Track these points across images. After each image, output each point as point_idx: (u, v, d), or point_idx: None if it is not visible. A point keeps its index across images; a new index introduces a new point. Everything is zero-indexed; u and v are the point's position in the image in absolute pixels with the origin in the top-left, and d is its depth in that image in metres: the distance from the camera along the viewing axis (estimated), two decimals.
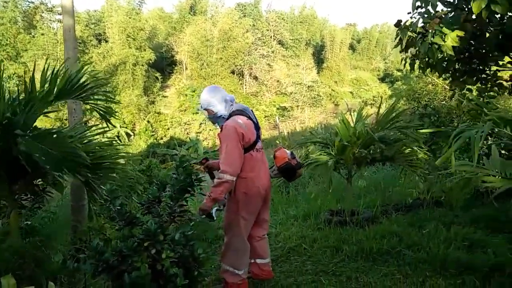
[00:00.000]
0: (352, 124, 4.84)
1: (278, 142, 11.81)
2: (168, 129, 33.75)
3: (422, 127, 11.87)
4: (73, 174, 2.95)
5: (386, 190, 6.22)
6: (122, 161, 3.68)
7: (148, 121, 33.11)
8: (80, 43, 33.10)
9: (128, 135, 30.68)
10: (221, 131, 3.02)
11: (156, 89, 36.47)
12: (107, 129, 3.71)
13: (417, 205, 5.21)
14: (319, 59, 49.33)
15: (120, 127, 30.40)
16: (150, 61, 34.97)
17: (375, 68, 53.38)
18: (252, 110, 3.26)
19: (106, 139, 3.91)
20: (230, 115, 3.06)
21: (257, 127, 3.13)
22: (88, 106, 3.82)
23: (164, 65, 40.42)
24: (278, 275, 3.40)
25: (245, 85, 41.54)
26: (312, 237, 4.21)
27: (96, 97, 3.48)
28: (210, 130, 33.61)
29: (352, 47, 54.96)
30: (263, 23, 45.59)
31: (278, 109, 39.58)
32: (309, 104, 40.61)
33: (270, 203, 3.36)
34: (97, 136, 3.58)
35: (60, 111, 18.61)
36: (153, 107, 34.82)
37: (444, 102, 12.57)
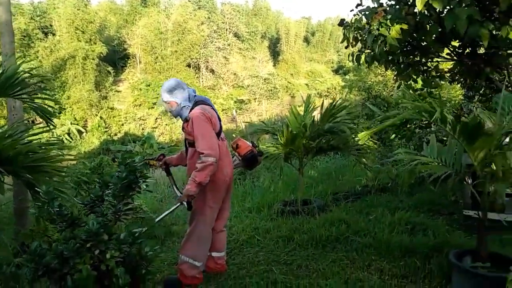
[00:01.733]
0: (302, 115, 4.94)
1: (234, 135, 11.82)
2: (123, 125, 32.77)
3: (373, 117, 12.28)
4: (13, 175, 2.81)
5: (337, 179, 6.42)
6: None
7: (101, 117, 31.96)
8: (24, 36, 31.26)
9: (79, 132, 29.49)
10: (186, 122, 3.01)
11: (109, 83, 35.22)
12: (48, 128, 3.53)
13: (365, 192, 5.43)
14: (274, 52, 49.72)
15: (71, 124, 29.16)
16: (102, 55, 33.69)
17: (329, 60, 54.58)
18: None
19: (54, 138, 3.73)
20: (194, 106, 3.07)
21: (218, 118, 3.20)
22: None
23: (116, 58, 39.08)
24: (231, 267, 3.43)
25: (202, 78, 41.11)
26: (265, 228, 4.27)
27: (34, 95, 3.30)
28: (166, 125, 33.01)
29: (306, 40, 55.84)
30: (218, 16, 45.23)
31: (235, 102, 39.54)
32: (266, 96, 40.89)
33: (230, 195, 3.40)
34: (43, 135, 3.40)
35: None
36: (105, 102, 33.62)
37: (392, 93, 13.12)
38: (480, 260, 2.63)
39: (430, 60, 5.50)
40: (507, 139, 2.76)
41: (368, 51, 5.16)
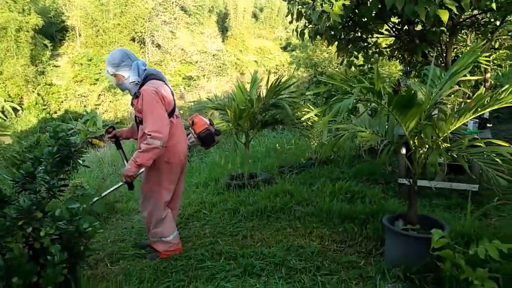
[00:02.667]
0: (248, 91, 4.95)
1: (181, 112, 11.60)
2: (62, 102, 30.90)
3: (318, 93, 12.52)
4: None
5: (283, 153, 6.56)
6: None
7: (38, 94, 29.88)
8: None
9: (15, 110, 27.47)
10: (136, 98, 2.80)
11: (46, 58, 32.82)
12: None
13: (309, 164, 5.60)
14: (223, 27, 48.79)
15: (5, 101, 27.05)
16: (37, 27, 31.20)
17: (277, 37, 54.58)
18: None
19: None
20: (145, 80, 2.83)
21: (172, 93, 3.00)
22: None
23: (53, 31, 36.40)
24: None
25: (148, 53, 39.52)
26: (211, 202, 4.30)
27: None
28: (110, 101, 31.62)
29: (255, 16, 55.27)
30: None
31: (184, 78, 38.59)
32: (215, 73, 40.29)
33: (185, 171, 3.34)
34: None
35: None
36: (43, 78, 31.39)
37: (337, 69, 13.48)
38: (410, 223, 2.83)
39: (370, 36, 5.69)
40: (436, 111, 2.95)
41: (312, 26, 5.24)
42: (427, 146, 2.64)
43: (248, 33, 50.10)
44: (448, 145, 2.55)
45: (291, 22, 5.37)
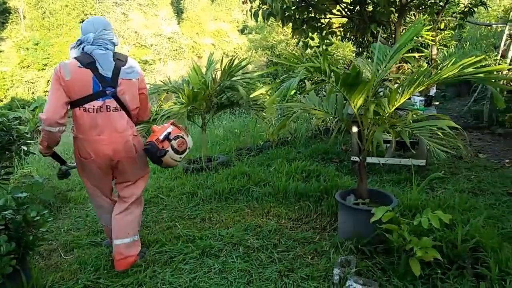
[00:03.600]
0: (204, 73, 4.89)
1: None
2: (8, 89, 29.08)
3: (276, 75, 12.58)
4: None
5: (240, 135, 6.58)
6: None
7: None
8: None
9: None
10: None
11: None
12: None
13: (267, 146, 5.67)
14: (178, 9, 47.44)
15: None
16: None
17: (234, 19, 53.88)
18: (119, 60, 2.54)
19: None
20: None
21: (106, 81, 2.47)
22: None
23: None
24: None
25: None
26: (168, 187, 4.26)
27: None
28: None
29: None
30: None
31: (139, 62, 37.21)
32: (171, 56, 39.32)
33: (130, 177, 2.75)
34: None
35: None
36: None
37: (294, 51, 13.56)
38: (361, 198, 2.95)
39: (323, 16, 5.75)
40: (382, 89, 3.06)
41: (266, 6, 5.21)
42: (373, 123, 2.74)
43: (204, 16, 49.03)
44: (393, 120, 2.65)
45: (245, 3, 5.32)
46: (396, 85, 2.78)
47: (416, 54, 3.71)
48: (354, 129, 4.20)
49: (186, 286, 2.43)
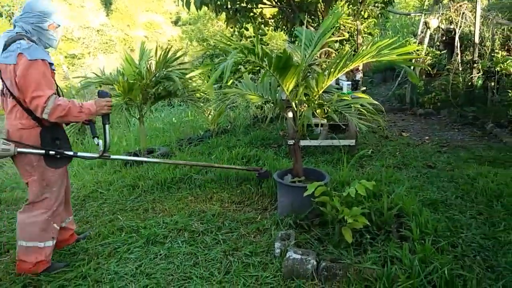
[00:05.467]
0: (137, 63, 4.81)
1: (65, 91, 10.73)
2: None
3: (214, 68, 12.60)
4: None
5: (180, 126, 6.56)
6: None
7: None
8: None
9: None
10: None
11: None
12: None
13: (207, 136, 5.72)
14: (106, 0, 45.22)
15: None
16: None
17: (166, 10, 52.52)
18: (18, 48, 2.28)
19: None
20: None
21: None
22: None
23: None
24: None
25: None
26: (108, 181, 4.17)
27: None
28: None
29: None
30: None
31: (66, 57, 35.14)
32: (101, 50, 37.42)
33: (21, 173, 2.52)
34: None
35: None
36: None
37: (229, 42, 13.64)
38: (297, 176, 3.15)
39: (255, 6, 5.88)
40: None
41: None
42: (305, 105, 2.92)
43: (135, 7, 47.19)
44: (321, 101, 2.85)
45: None
46: (322, 69, 2.97)
47: (338, 38, 3.95)
48: (290, 114, 4.39)
49: (132, 274, 2.45)
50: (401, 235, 2.63)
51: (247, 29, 6.71)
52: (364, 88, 6.89)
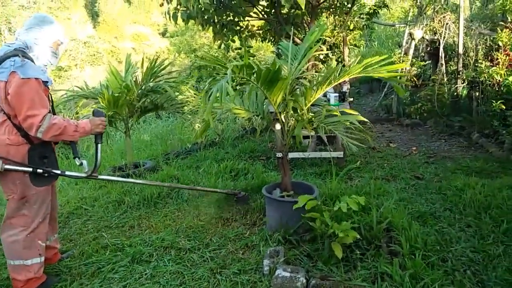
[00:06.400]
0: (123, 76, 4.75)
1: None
2: None
3: (201, 78, 12.56)
4: None
5: (167, 139, 6.49)
6: None
7: None
8: None
9: None
10: None
11: None
12: None
13: (195, 149, 5.66)
14: (93, 12, 45.08)
15: None
16: None
17: (154, 22, 52.59)
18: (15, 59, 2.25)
19: None
20: None
21: None
22: None
23: None
24: None
25: (5, 42, 34.60)
26: (93, 197, 4.08)
27: None
28: None
29: (128, 0, 52.25)
30: None
31: (53, 69, 34.91)
32: (88, 62, 37.21)
33: (3, 189, 2.43)
34: None
35: None
36: None
37: (217, 54, 13.66)
38: (286, 190, 3.11)
39: (242, 20, 5.90)
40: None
41: (184, 9, 5.21)
42: (293, 119, 2.90)
43: (122, 19, 47.16)
44: (311, 115, 2.84)
45: (161, 5, 5.27)
46: (309, 83, 2.96)
47: (325, 52, 3.97)
48: (277, 126, 4.36)
49: None
50: (391, 250, 2.61)
51: (233, 41, 6.72)
52: (351, 99, 6.93)
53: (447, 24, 7.19)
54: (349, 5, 6.06)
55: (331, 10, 6.32)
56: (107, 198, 3.98)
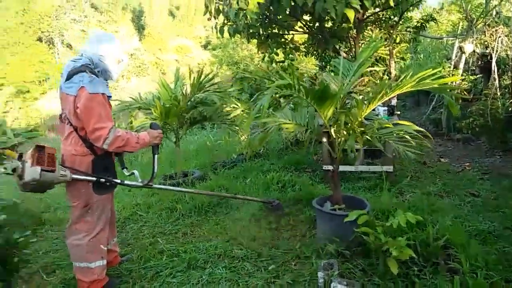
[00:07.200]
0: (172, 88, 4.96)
1: None
2: None
3: (242, 90, 12.78)
4: None
5: (213, 149, 6.65)
6: None
7: None
8: None
9: None
10: None
11: None
12: None
13: (240, 159, 5.77)
14: (139, 25, 47.08)
15: None
16: None
17: (196, 35, 54.11)
18: (80, 68, 2.43)
19: None
20: None
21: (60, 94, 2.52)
22: None
23: None
24: None
25: (58, 54, 36.76)
26: (147, 204, 4.25)
27: None
28: (20, 108, 29.05)
29: (172, 14, 54.13)
30: None
31: None
32: (134, 73, 38.79)
33: (69, 197, 2.58)
34: None
35: None
36: None
37: (258, 66, 13.85)
38: (337, 203, 3.11)
39: (286, 33, 5.98)
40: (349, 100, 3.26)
41: (231, 23, 5.37)
42: (344, 132, 2.92)
43: (166, 32, 48.92)
44: (363, 129, 2.84)
45: (209, 19, 5.46)
46: (361, 97, 2.98)
47: (378, 68, 3.97)
48: (325, 139, 4.39)
49: None
50: (450, 268, 2.54)
51: (277, 54, 6.82)
52: (398, 112, 6.81)
53: (499, 37, 6.94)
54: (396, 19, 6.00)
55: (377, 23, 6.29)
56: (160, 205, 4.14)
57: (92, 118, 2.35)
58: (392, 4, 4.50)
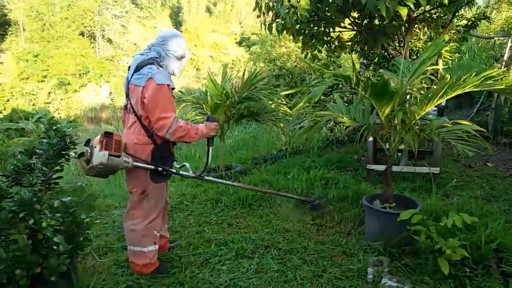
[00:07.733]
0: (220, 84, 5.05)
1: None
2: (8, 100, 29.12)
3: (279, 86, 12.82)
4: None
5: (254, 145, 6.72)
6: None
7: None
8: None
9: None
10: None
11: None
12: None
13: (281, 155, 5.81)
14: (177, 21, 48.03)
15: None
16: None
17: (232, 32, 54.51)
18: (147, 62, 2.57)
19: None
20: None
21: (128, 82, 2.66)
22: None
23: None
24: None
25: (99, 48, 38.10)
26: (192, 194, 4.36)
27: None
28: (61, 99, 30.34)
29: (209, 10, 54.82)
30: None
31: None
32: None
33: (129, 184, 2.73)
34: None
35: None
36: None
37: (295, 64, 13.80)
38: (387, 202, 3.10)
39: (333, 30, 5.93)
40: (408, 97, 3.23)
41: (279, 20, 5.39)
42: (400, 130, 2.89)
43: (202, 28, 49.62)
44: (421, 126, 2.82)
45: (259, 16, 5.49)
46: (419, 96, 2.95)
47: (436, 67, 3.89)
48: (370, 138, 4.36)
49: (226, 285, 2.55)
50: (503, 271, 2.49)
51: (320, 51, 6.78)
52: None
53: None
54: (448, 18, 5.84)
55: (427, 22, 6.13)
56: (205, 196, 4.24)
57: (158, 108, 2.46)
58: (446, 1, 4.39)
